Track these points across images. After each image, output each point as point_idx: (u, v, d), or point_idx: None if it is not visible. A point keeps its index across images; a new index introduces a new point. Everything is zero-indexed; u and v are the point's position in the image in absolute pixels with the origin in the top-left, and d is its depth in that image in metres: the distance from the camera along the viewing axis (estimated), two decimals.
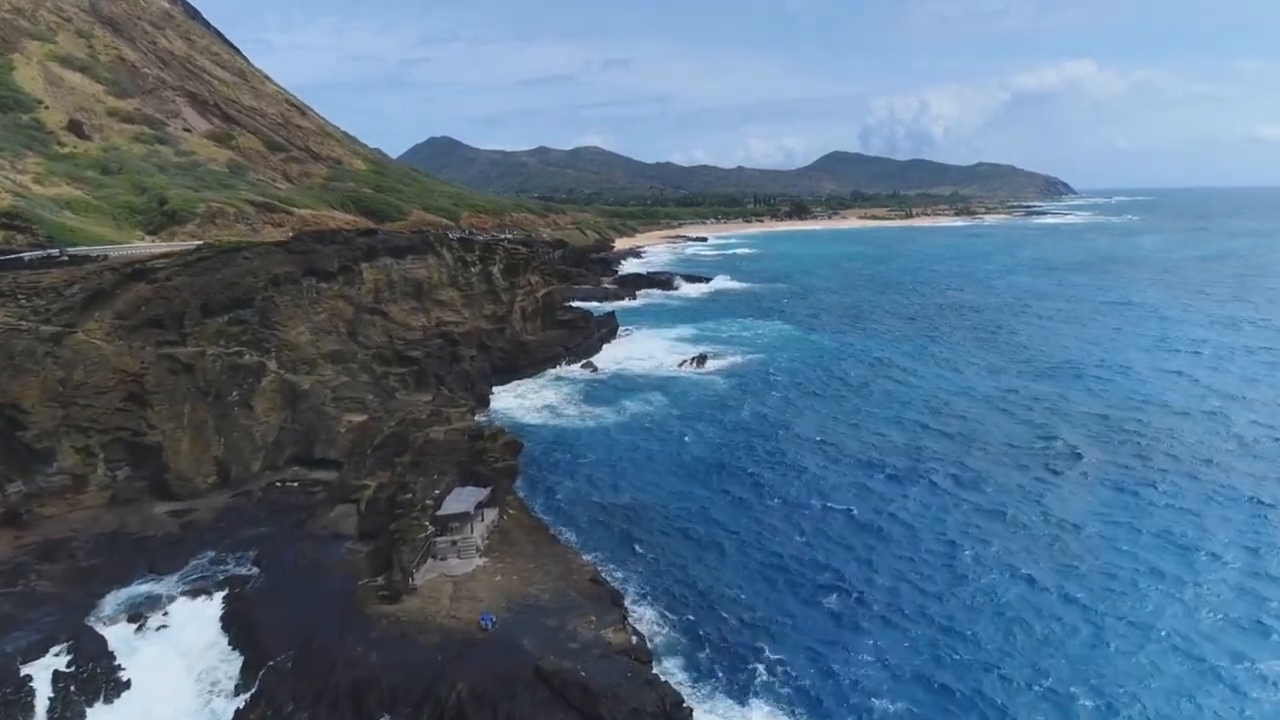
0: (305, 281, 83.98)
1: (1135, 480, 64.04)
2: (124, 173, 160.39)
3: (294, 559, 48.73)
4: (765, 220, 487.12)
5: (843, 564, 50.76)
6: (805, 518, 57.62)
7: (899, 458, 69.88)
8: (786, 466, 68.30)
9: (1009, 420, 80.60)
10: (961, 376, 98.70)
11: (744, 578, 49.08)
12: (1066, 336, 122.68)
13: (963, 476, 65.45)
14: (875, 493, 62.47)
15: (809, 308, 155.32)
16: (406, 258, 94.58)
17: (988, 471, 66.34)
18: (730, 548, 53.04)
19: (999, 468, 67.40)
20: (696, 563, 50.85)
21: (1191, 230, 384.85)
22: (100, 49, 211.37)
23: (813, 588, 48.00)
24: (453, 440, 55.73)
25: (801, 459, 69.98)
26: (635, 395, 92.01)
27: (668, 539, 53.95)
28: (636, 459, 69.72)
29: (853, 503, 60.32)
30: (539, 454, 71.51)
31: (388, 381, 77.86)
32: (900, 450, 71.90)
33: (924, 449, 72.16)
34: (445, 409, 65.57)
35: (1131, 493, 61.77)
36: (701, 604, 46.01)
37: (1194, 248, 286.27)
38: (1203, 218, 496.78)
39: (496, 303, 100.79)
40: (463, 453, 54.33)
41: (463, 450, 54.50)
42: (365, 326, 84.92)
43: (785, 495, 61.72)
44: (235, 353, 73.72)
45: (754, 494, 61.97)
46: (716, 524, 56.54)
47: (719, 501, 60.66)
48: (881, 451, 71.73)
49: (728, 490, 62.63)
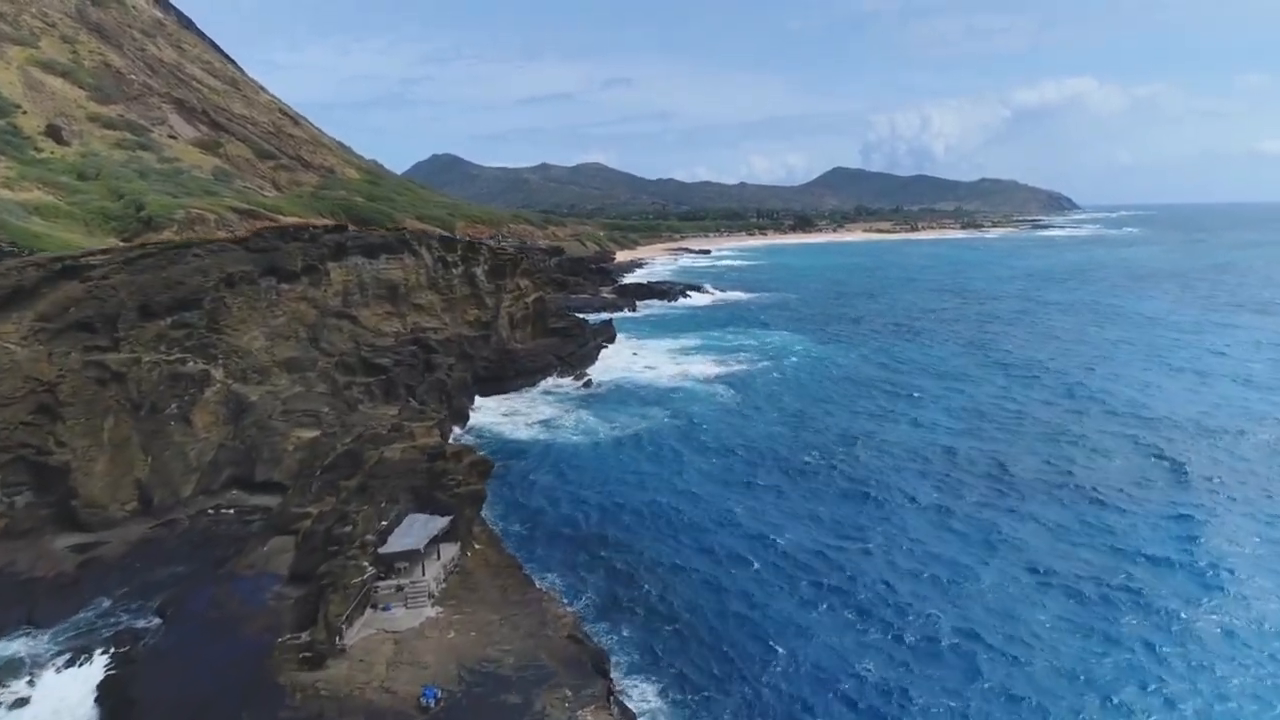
0: (264, 282, 75.43)
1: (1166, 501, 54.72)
2: (101, 178, 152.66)
3: (206, 608, 39.52)
4: (769, 233, 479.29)
5: (889, 622, 41.19)
6: (828, 560, 48.09)
7: (921, 483, 60.48)
8: (801, 494, 58.87)
9: (1026, 435, 71.28)
10: (974, 387, 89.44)
11: (763, 635, 39.62)
12: (1093, 348, 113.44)
13: (999, 506, 56.09)
14: (904, 526, 53.08)
15: (815, 318, 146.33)
16: (380, 257, 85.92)
17: (1020, 500, 56.93)
18: (743, 594, 43.60)
19: (1030, 494, 58.01)
20: (703, 614, 41.36)
21: (1196, 243, 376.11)
22: (85, 54, 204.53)
23: (850, 653, 38.45)
24: (410, 460, 46.56)
25: (815, 485, 60.57)
26: (632, 409, 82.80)
27: (668, 583, 44.38)
28: (633, 482, 60.39)
29: (883, 536, 50.97)
30: (520, 476, 62.27)
31: (351, 392, 68.78)
32: (921, 473, 62.48)
33: (945, 472, 62.80)
34: (409, 423, 56.43)
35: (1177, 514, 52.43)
36: (708, 670, 36.53)
37: (1207, 257, 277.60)
38: (1207, 230, 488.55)
39: (480, 307, 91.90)
40: (420, 475, 45.11)
41: (420, 472, 45.29)
42: (330, 332, 76.01)
43: (802, 531, 52.12)
44: (176, 360, 64.80)
45: (768, 527, 52.36)
46: (724, 563, 47.10)
47: (726, 535, 51.19)
48: (900, 474, 62.36)
49: (737, 522, 53.07)
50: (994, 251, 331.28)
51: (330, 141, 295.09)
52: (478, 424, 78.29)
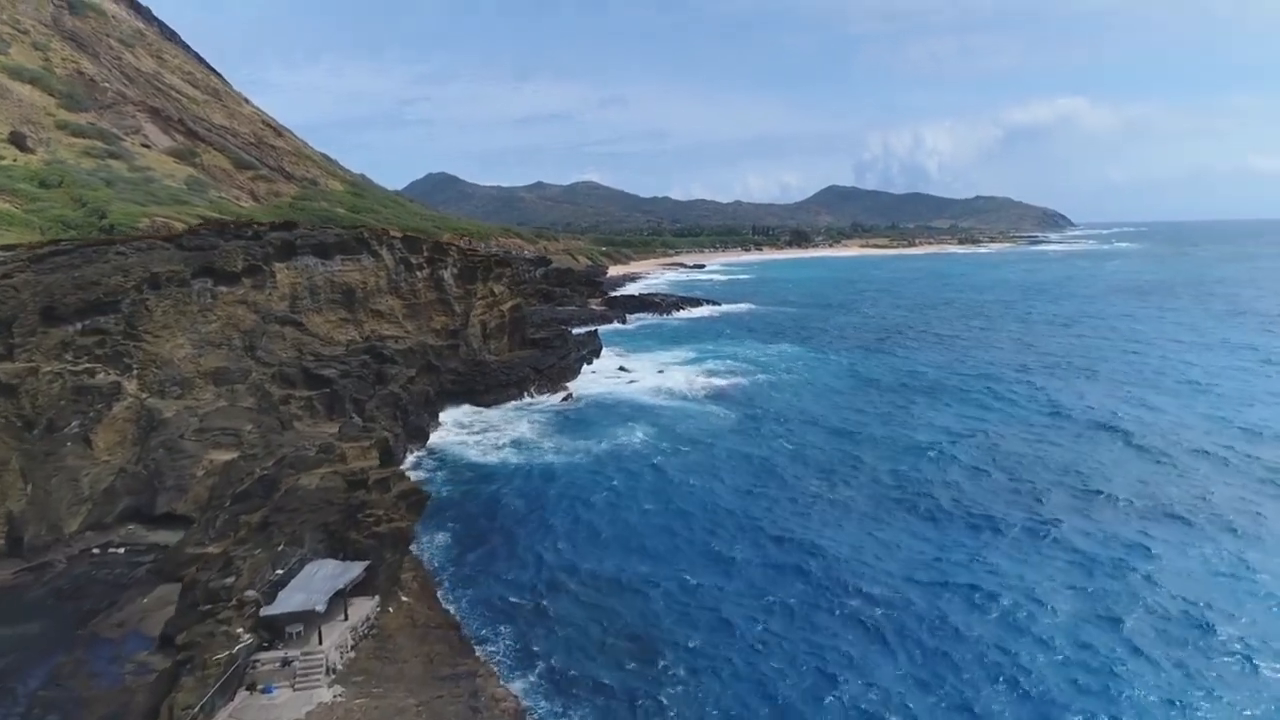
0: (197, 283, 66.64)
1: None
2: (65, 186, 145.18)
3: (42, 685, 30.38)
4: (764, 249, 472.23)
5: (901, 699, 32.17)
6: (832, 619, 38.98)
7: (933, 515, 51.51)
8: (800, 529, 49.77)
9: (1046, 461, 62.42)
10: (987, 402, 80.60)
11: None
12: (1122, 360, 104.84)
13: (1026, 557, 47.12)
14: (918, 579, 44.02)
15: (811, 331, 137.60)
16: (335, 258, 77.12)
17: (1053, 546, 47.98)
18: (731, 663, 34.42)
19: (1061, 541, 49.08)
20: (688, 699, 32.07)
21: (1190, 255, 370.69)
22: (57, 62, 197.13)
23: None
24: (329, 490, 37.59)
25: (815, 518, 51.49)
26: (616, 427, 73.74)
27: (646, 652, 35.00)
28: (610, 516, 51.08)
29: (888, 589, 41.93)
30: (478, 506, 53.07)
31: (289, 408, 59.72)
32: (931, 502, 53.48)
33: (961, 500, 53.86)
34: (341, 444, 47.40)
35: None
36: None
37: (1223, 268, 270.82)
38: (1200, 244, 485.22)
39: (448, 314, 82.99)
40: (335, 509, 36.12)
41: (336, 505, 36.30)
42: (271, 339, 67.02)
43: (805, 579, 42.77)
44: (84, 370, 55.91)
45: (768, 578, 43.05)
46: (715, 628, 37.83)
47: (719, 586, 41.92)
48: (913, 505, 53.41)
49: (733, 572, 43.62)
50: (993, 266, 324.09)
51: (315, 154, 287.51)
52: (439, 443, 69.18)
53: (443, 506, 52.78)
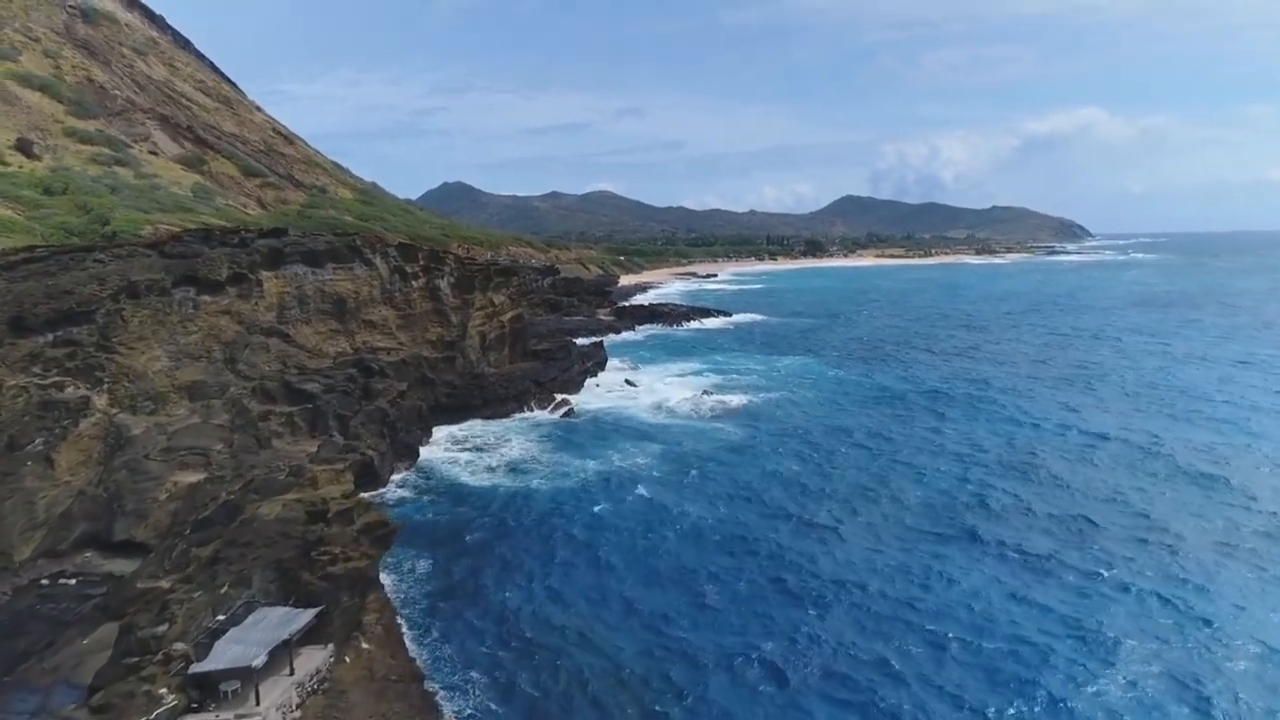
0: (178, 292, 63.67)
1: None
2: (69, 193, 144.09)
3: None
4: (778, 258, 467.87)
5: None
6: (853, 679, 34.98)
7: (960, 553, 47.34)
8: (818, 569, 45.71)
9: (1083, 488, 58.00)
10: (1014, 424, 76.14)
11: None
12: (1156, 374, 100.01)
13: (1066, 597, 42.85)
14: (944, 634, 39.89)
15: (827, 343, 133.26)
16: (326, 266, 74.05)
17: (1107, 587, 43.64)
18: None
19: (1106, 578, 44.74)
20: None
21: (1223, 267, 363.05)
22: (68, 69, 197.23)
23: None
24: (288, 521, 34.08)
25: (837, 556, 47.46)
26: (619, 446, 69.97)
27: (638, 708, 31.18)
28: (609, 548, 47.18)
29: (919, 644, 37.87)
30: (463, 536, 49.29)
31: (268, 424, 56.39)
32: (961, 540, 49.34)
33: (995, 531, 49.64)
34: (312, 467, 43.95)
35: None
36: None
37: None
38: (1224, 255, 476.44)
39: (444, 325, 79.63)
40: (291, 544, 32.59)
41: (293, 539, 32.77)
42: (254, 351, 63.84)
43: (822, 628, 38.99)
44: (52, 384, 52.89)
45: (766, 626, 39.08)
46: (713, 681, 33.97)
47: (726, 630, 38.08)
48: (936, 538, 49.27)
49: (744, 613, 39.75)
50: (1008, 276, 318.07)
51: (326, 162, 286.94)
52: (430, 461, 65.64)
53: (424, 534, 49.19)
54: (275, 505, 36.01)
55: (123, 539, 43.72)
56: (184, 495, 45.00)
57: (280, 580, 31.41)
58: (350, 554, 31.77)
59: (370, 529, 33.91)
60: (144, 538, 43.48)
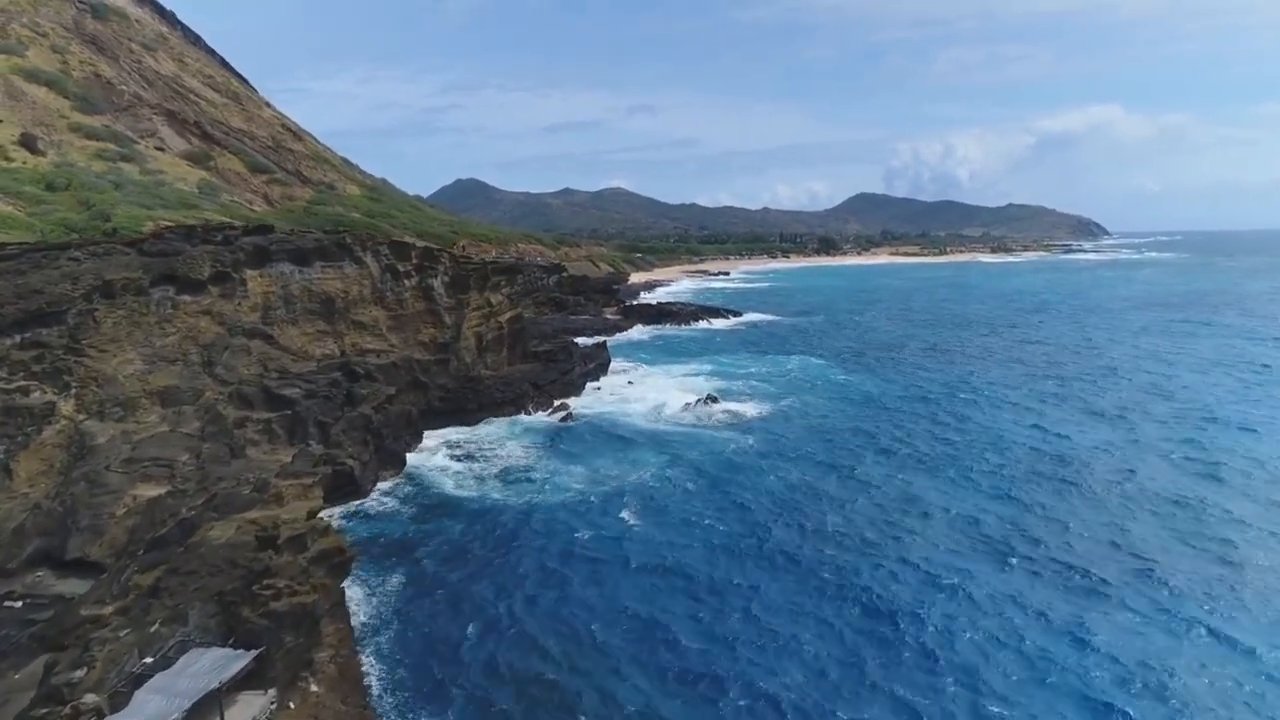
0: (157, 292, 61.04)
1: None
2: (72, 189, 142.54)
3: None
4: (792, 256, 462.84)
5: None
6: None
7: (986, 576, 43.70)
8: (836, 595, 42.34)
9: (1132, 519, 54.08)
10: (1039, 430, 72.21)
11: None
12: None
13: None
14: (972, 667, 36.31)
15: (841, 344, 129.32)
16: (314, 264, 71.23)
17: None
18: None
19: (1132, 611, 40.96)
20: None
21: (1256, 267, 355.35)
22: (75, 65, 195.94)
23: None
24: (238, 546, 31.04)
25: (855, 581, 43.98)
26: (618, 455, 66.72)
27: None
28: (603, 569, 44.06)
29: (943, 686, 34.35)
30: (442, 555, 46.11)
31: (244, 431, 53.46)
32: (986, 562, 45.71)
33: (1017, 564, 45.95)
34: (278, 481, 40.93)
35: None
36: None
37: None
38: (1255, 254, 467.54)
39: (438, 326, 76.56)
40: (239, 573, 29.53)
41: (240, 567, 29.72)
42: (234, 354, 60.97)
43: (835, 664, 35.65)
44: (17, 389, 50.24)
45: (783, 657, 35.96)
46: None
47: (724, 673, 34.78)
48: (963, 564, 45.64)
49: (749, 655, 36.54)
50: (1022, 275, 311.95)
51: (335, 158, 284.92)
52: (419, 468, 62.62)
53: (402, 551, 46.12)
54: (228, 527, 32.98)
55: (76, 557, 40.79)
56: (143, 510, 42.07)
57: (222, 615, 28.37)
58: (297, 587, 28.63)
59: (325, 556, 30.80)
60: (98, 556, 40.58)
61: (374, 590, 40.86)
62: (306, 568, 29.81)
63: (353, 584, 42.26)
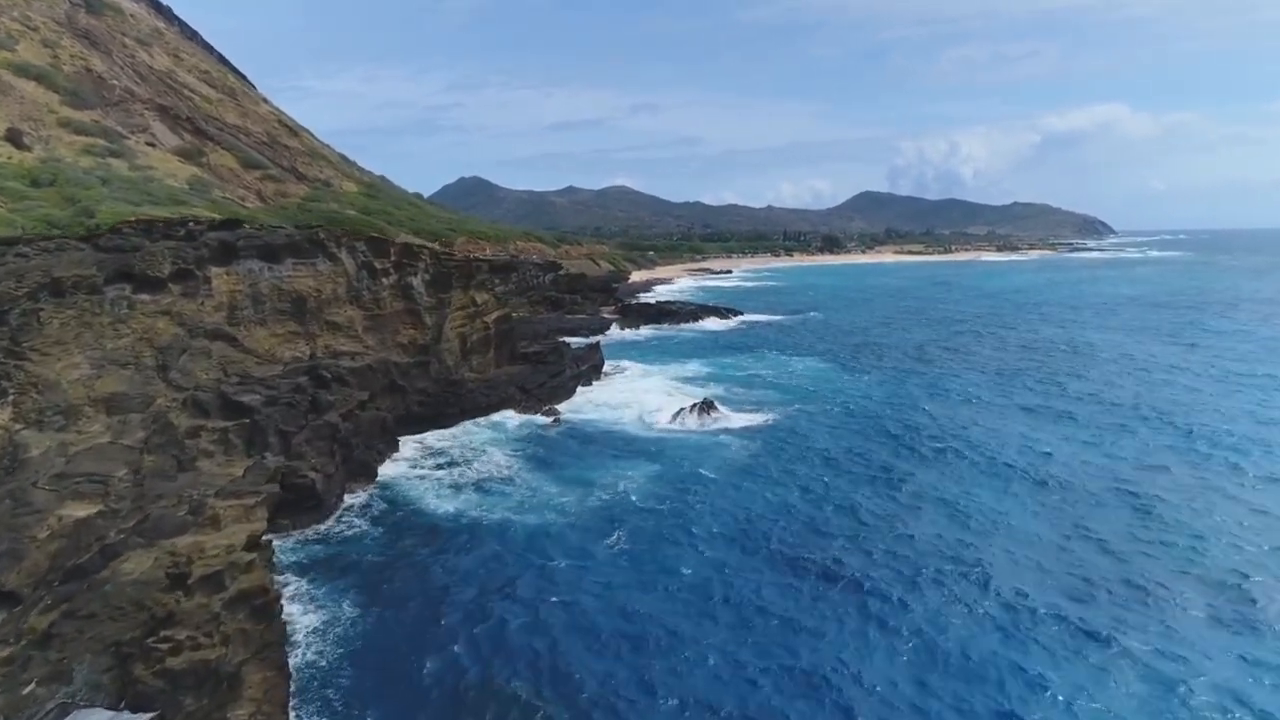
0: (111, 290, 57.12)
1: None
2: (57, 185, 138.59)
3: None
4: (795, 255, 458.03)
5: None
6: None
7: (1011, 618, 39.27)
8: (838, 630, 38.07)
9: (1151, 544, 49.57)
10: (1062, 439, 67.72)
11: None
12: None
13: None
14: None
15: (845, 345, 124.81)
16: (285, 261, 67.15)
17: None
18: None
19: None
20: None
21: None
22: (65, 59, 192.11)
23: None
24: (148, 584, 26.83)
25: (858, 619, 39.72)
26: (608, 464, 62.40)
27: None
28: (586, 602, 39.73)
29: None
30: (406, 582, 41.80)
31: (196, 443, 49.30)
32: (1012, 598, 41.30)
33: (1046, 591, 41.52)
34: (214, 502, 36.75)
35: None
36: None
37: None
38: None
39: (418, 327, 72.32)
40: (143, 618, 25.34)
41: (148, 611, 25.51)
42: (193, 358, 56.83)
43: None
44: None
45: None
46: None
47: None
48: (974, 598, 41.24)
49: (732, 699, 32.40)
50: (1023, 273, 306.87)
51: (332, 155, 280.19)
52: (393, 479, 58.32)
53: (363, 577, 41.83)
54: (145, 559, 28.79)
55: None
56: (69, 533, 37.82)
57: (119, 669, 24.17)
58: (202, 639, 24.38)
59: (245, 598, 26.52)
60: (15, 585, 36.28)
61: (326, 626, 36.56)
62: (219, 613, 25.57)
63: (305, 613, 38.11)
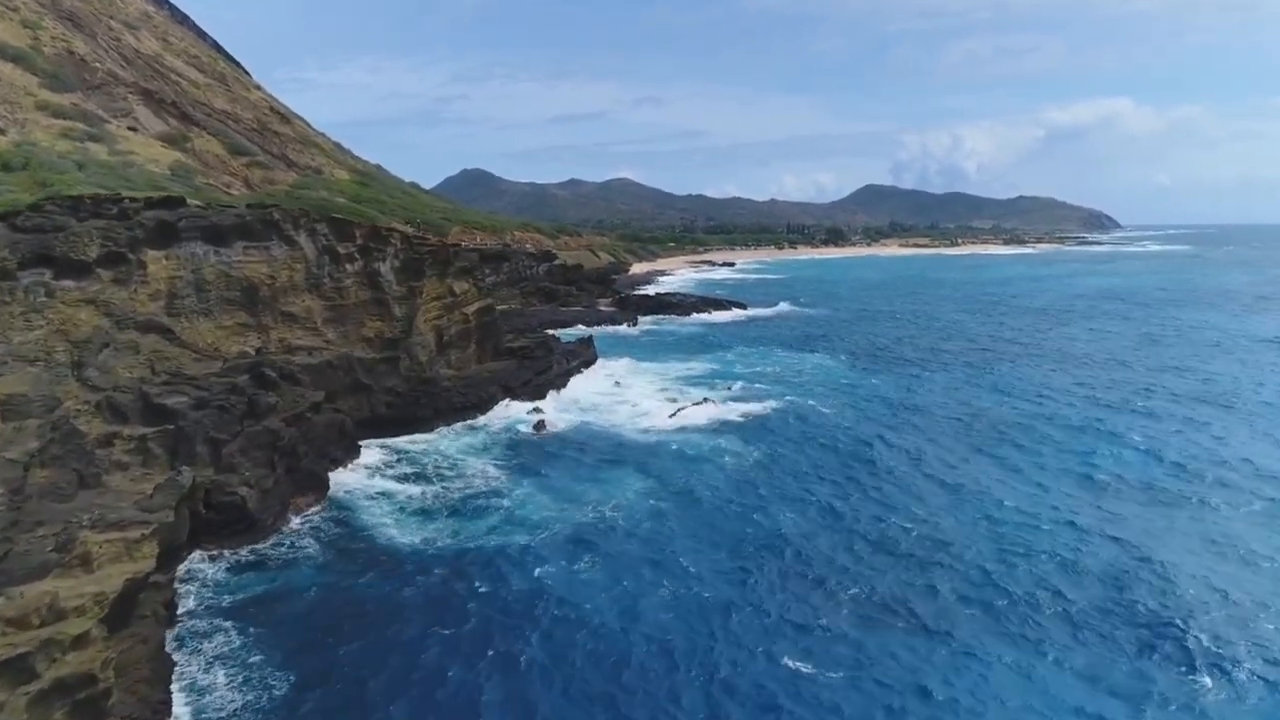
0: (27, 276, 50.04)
1: None
2: (30, 169, 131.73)
3: None
4: (799, 247, 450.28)
5: None
6: None
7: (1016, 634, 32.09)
8: (845, 672, 30.96)
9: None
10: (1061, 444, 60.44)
11: None
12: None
13: None
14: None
15: (849, 340, 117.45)
16: (234, 244, 59.76)
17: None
18: None
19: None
20: None
21: None
22: (46, 41, 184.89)
23: None
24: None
25: (866, 649, 32.59)
26: (596, 473, 55.17)
27: None
28: (565, 638, 32.78)
29: None
30: (360, 622, 34.63)
31: (109, 453, 42.20)
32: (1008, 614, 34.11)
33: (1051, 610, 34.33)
34: (86, 535, 29.71)
35: None
36: None
37: None
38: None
39: (386, 318, 65.03)
40: None
41: None
42: (119, 353, 49.62)
43: None
44: None
45: None
46: None
47: None
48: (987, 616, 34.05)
49: None
50: (1045, 264, 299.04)
51: (325, 142, 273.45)
52: (348, 494, 50.97)
53: (296, 620, 34.66)
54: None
55: None
56: None
57: None
58: (52, 712, 17.26)
59: (64, 690, 19.40)
60: None
61: (240, 687, 29.47)
62: (23, 713, 18.51)
63: (214, 668, 31.07)
